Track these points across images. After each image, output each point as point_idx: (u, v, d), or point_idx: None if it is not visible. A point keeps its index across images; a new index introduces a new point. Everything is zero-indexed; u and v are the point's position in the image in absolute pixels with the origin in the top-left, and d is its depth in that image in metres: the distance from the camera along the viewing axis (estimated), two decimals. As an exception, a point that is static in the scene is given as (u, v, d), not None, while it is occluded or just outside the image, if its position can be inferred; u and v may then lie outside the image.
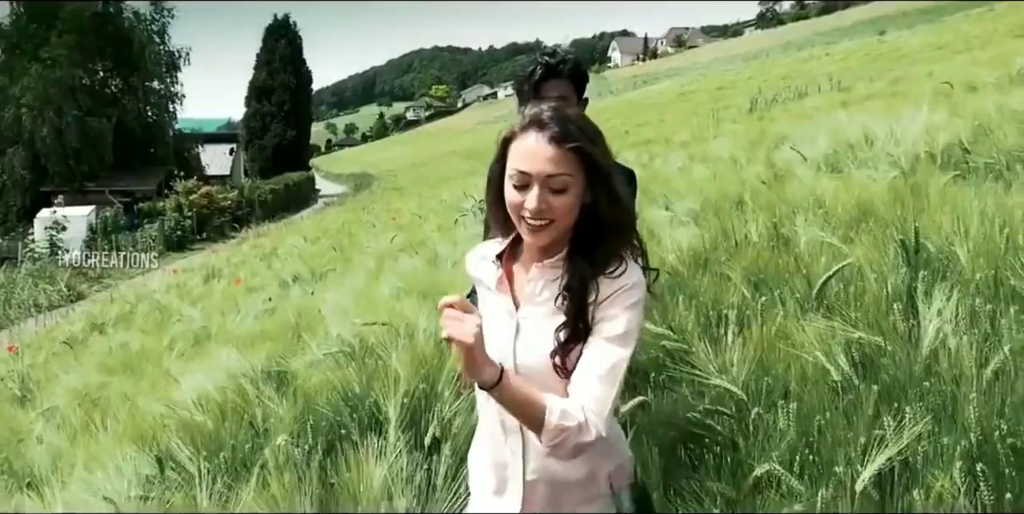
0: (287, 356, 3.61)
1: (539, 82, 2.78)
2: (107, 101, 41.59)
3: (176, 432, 2.79)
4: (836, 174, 5.22)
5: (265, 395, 3.05)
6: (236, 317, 6.64)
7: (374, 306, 4.12)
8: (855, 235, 3.01)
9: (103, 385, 4.96)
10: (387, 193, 36.08)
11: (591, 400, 1.64)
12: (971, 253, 2.41)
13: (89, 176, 39.24)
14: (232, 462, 2.49)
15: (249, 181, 47.86)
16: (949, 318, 2.17)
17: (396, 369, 2.76)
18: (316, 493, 1.82)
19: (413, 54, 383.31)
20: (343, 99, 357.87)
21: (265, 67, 61.43)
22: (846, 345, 2.28)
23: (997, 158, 4.19)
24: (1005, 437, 1.71)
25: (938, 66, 16.67)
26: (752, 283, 3.02)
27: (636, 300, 1.71)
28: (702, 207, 4.94)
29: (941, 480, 1.68)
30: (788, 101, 17.57)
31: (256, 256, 16.16)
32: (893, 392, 2.03)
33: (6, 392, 6.72)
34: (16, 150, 38.99)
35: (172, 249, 31.23)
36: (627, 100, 59.90)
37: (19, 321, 17.74)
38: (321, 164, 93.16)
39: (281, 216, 39.23)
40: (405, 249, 8.16)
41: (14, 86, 38.36)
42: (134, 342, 7.36)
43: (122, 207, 35.94)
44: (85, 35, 39.60)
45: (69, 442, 3.50)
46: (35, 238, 28.23)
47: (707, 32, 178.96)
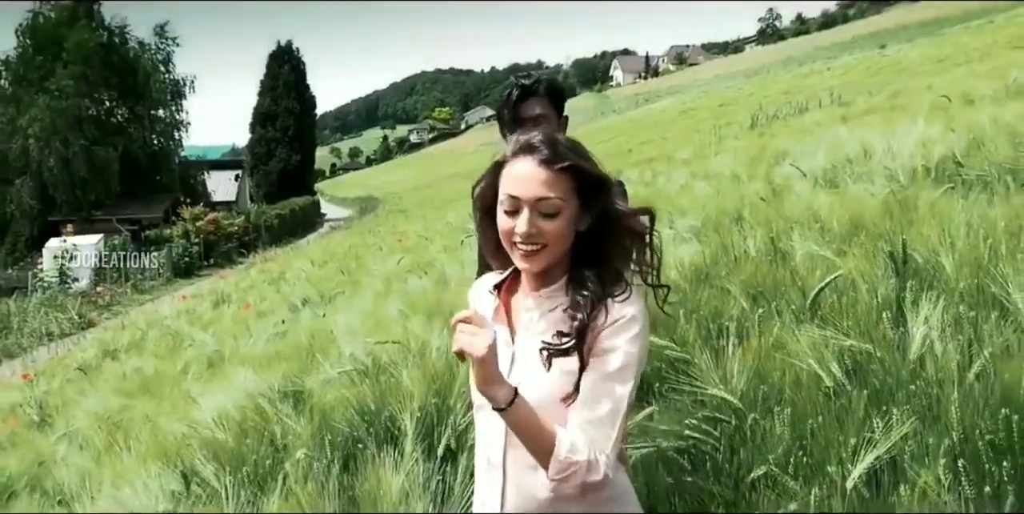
0: (302, 375, 3.72)
1: (516, 103, 2.81)
2: (113, 130, 41.89)
3: (199, 449, 2.90)
4: (833, 189, 5.34)
5: (283, 413, 3.16)
6: (248, 340, 6.75)
7: (384, 326, 4.24)
8: (848, 248, 3.13)
9: (123, 408, 5.07)
10: (392, 216, 36.29)
11: (598, 440, 1.61)
12: (956, 263, 2.52)
13: (96, 205, 39.49)
14: (255, 476, 2.60)
15: (255, 206, 48.14)
16: (935, 325, 2.28)
17: (408, 385, 2.86)
18: (338, 500, 1.92)
19: (416, 77, 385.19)
20: (346, 123, 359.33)
21: (269, 93, 61.91)
22: (838, 353, 2.39)
23: (988, 170, 4.30)
24: (985, 435, 1.82)
25: (937, 79, 16.79)
26: (751, 296, 3.13)
27: (636, 332, 1.66)
28: (703, 223, 5.06)
29: (925, 476, 1.78)
30: (789, 117, 17.72)
31: (264, 281, 16.28)
32: (882, 396, 2.14)
33: (25, 418, 6.82)
34: (24, 180, 39.27)
35: (180, 276, 31.38)
36: (629, 118, 60.22)
37: (31, 349, 17.88)
38: (326, 188, 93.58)
39: (287, 241, 39.38)
40: (412, 270, 8.28)
41: (21, 117, 38.68)
42: (148, 367, 7.46)
43: (129, 235, 36.13)
44: (91, 65, 39.94)
45: (94, 462, 3.61)
46: (44, 267, 28.41)
47: (708, 49, 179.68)
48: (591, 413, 1.62)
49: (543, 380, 1.69)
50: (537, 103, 2.81)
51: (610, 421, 1.62)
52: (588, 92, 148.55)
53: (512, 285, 1.88)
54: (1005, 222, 2.68)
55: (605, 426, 1.62)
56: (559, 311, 1.72)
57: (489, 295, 1.89)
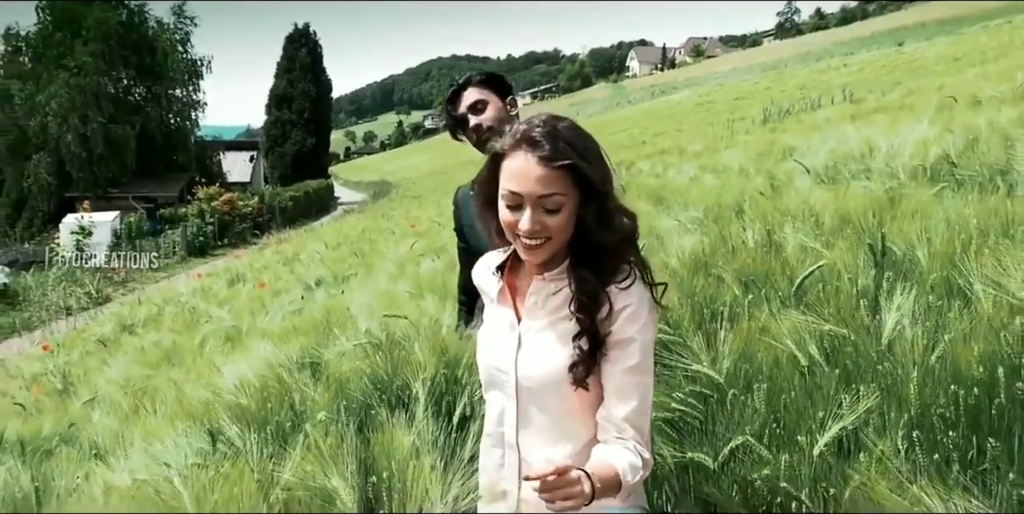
0: (319, 348, 3.94)
1: (454, 97, 2.95)
2: (131, 108, 42.31)
3: (223, 412, 3.13)
4: (834, 185, 5.52)
5: (301, 382, 3.38)
6: (265, 317, 6.97)
7: (397, 304, 4.45)
8: (835, 241, 3.33)
9: (145, 377, 5.31)
10: (406, 201, 36.52)
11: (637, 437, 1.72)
12: (929, 256, 2.72)
13: (112, 182, 39.94)
14: (277, 435, 2.82)
15: (269, 188, 48.46)
16: (906, 313, 2.48)
17: (420, 357, 3.08)
18: (355, 454, 2.14)
19: (431, 63, 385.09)
20: (362, 107, 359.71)
21: (285, 75, 62.15)
22: (817, 336, 2.59)
23: (980, 171, 4.48)
24: (937, 409, 2.03)
25: (950, 79, 16.87)
26: (743, 283, 3.33)
27: (645, 320, 1.74)
28: (705, 215, 5.25)
29: (883, 445, 1.99)
30: (801, 112, 17.85)
31: (278, 261, 16.51)
32: (852, 375, 2.35)
33: (48, 386, 7.07)
34: (42, 156, 39.76)
35: (194, 254, 31.75)
36: (645, 110, 60.18)
37: (49, 322, 18.21)
38: (340, 172, 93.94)
39: (301, 223, 39.72)
40: (425, 254, 8.49)
41: (40, 94, 39.08)
42: (166, 341, 7.71)
43: (145, 213, 36.50)
44: (110, 43, 40.33)
45: (122, 424, 3.85)
46: (61, 242, 28.78)
47: (725, 42, 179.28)
48: (627, 408, 1.72)
49: (549, 360, 1.77)
50: (471, 93, 2.91)
51: (644, 412, 1.74)
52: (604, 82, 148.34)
53: (515, 265, 1.93)
54: (977, 220, 2.88)
55: (642, 417, 1.74)
56: (562, 295, 1.78)
57: (493, 276, 1.95)
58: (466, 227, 3.20)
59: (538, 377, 1.79)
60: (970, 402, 1.97)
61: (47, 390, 7.02)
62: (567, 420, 1.80)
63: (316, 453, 2.11)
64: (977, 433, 1.94)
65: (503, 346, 1.87)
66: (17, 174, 40.61)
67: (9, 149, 40.23)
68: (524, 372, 1.81)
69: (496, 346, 1.89)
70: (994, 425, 1.94)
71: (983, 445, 1.90)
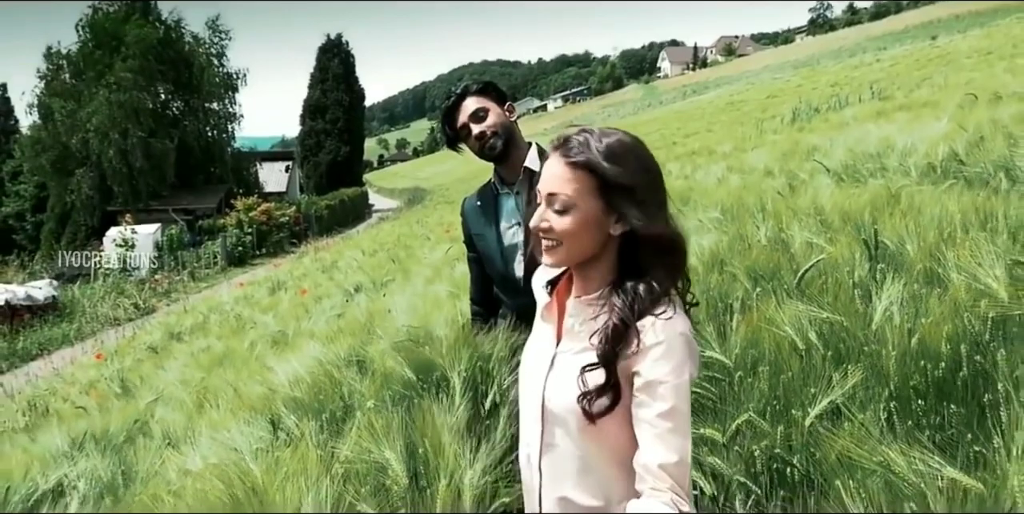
0: (364, 346, 4.26)
1: (452, 111, 2.96)
2: (169, 123, 43.23)
3: (281, 404, 3.46)
4: (850, 183, 5.76)
5: (349, 377, 3.70)
6: (309, 321, 7.32)
7: (436, 305, 4.76)
8: (838, 237, 3.59)
9: (201, 379, 5.67)
10: (440, 206, 36.89)
11: (676, 488, 1.58)
12: (917, 249, 2.98)
13: (153, 195, 40.79)
14: (331, 423, 3.14)
15: (305, 197, 49.14)
16: (895, 300, 2.74)
17: (458, 351, 3.38)
18: (403, 431, 2.45)
19: (463, 68, 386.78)
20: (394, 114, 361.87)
21: (319, 86, 63.01)
22: (815, 323, 2.86)
23: (985, 167, 4.71)
24: (912, 383, 2.30)
25: (979, 74, 16.91)
26: (753, 278, 3.60)
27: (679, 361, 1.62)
28: (725, 215, 5.51)
29: (864, 415, 2.26)
30: (830, 111, 17.93)
31: (317, 269, 16.91)
32: (843, 356, 2.62)
33: (107, 391, 7.46)
34: (84, 172, 40.78)
35: (234, 264, 32.34)
36: (676, 110, 60.16)
37: (98, 333, 18.78)
38: (374, 179, 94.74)
39: (337, 231, 40.26)
40: (460, 258, 8.80)
41: (81, 110, 40.07)
42: (216, 346, 8.08)
43: (184, 225, 37.24)
44: (148, 59, 41.23)
45: (188, 418, 4.19)
46: (106, 255, 29.51)
47: (757, 40, 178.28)
48: (662, 455, 1.58)
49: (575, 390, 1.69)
50: (471, 103, 2.93)
51: (683, 460, 1.59)
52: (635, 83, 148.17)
53: (567, 284, 1.87)
54: (961, 215, 3.14)
55: (680, 466, 1.59)
56: (601, 320, 1.70)
57: (543, 289, 1.91)
58: (474, 235, 3.23)
59: (562, 404, 1.73)
60: (938, 375, 2.24)
61: (106, 395, 7.40)
62: (594, 455, 1.72)
63: (370, 431, 2.41)
64: (944, 402, 2.21)
65: (537, 364, 1.83)
66: (61, 189, 41.71)
67: (53, 165, 41.30)
68: (550, 394, 1.76)
69: (531, 363, 1.87)
70: (958, 394, 2.21)
71: (948, 412, 2.17)
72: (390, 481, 2.34)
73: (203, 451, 3.16)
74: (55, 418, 6.29)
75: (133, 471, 3.13)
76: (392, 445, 2.38)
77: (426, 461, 2.32)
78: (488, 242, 3.15)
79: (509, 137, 2.97)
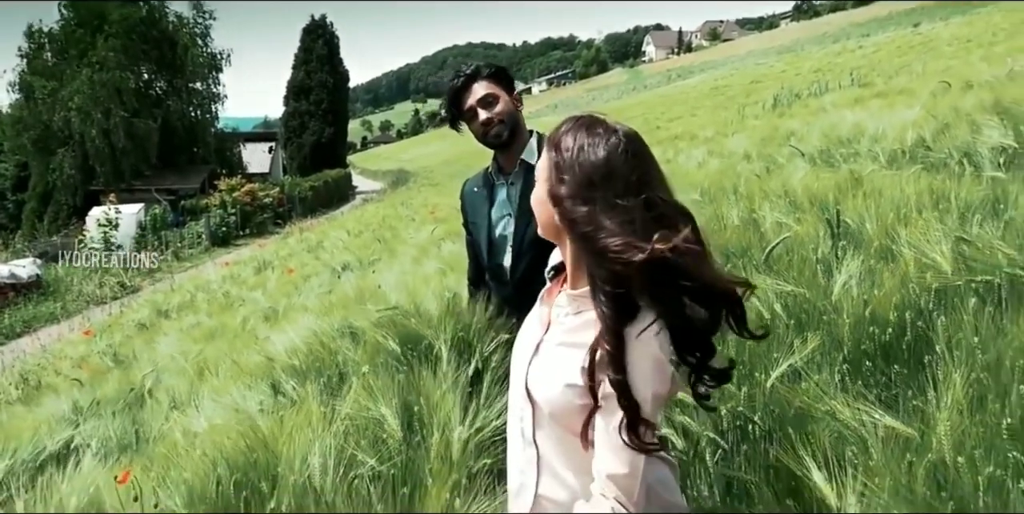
0: (356, 318, 4.46)
1: (461, 92, 2.92)
2: (152, 102, 43.08)
3: (280, 371, 3.66)
4: (823, 167, 5.99)
5: (343, 346, 3.91)
6: (299, 298, 7.51)
7: (424, 281, 4.97)
8: (805, 217, 3.82)
9: (197, 351, 5.85)
10: (424, 189, 37.01)
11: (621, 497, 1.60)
12: (874, 228, 3.21)
13: (135, 175, 40.66)
14: (327, 387, 3.35)
15: (289, 178, 49.07)
16: (853, 274, 2.97)
17: (444, 323, 3.60)
18: (398, 391, 2.66)
19: (447, 51, 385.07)
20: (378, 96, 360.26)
21: (303, 67, 62.68)
22: (780, 295, 3.09)
23: (949, 153, 4.95)
24: (863, 347, 2.53)
25: (956, 61, 17.18)
26: (725, 255, 3.82)
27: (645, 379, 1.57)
28: (703, 197, 5.73)
29: (818, 376, 2.48)
30: (810, 97, 18.17)
31: (303, 249, 17.04)
32: (804, 325, 2.85)
33: (101, 364, 7.63)
34: (66, 151, 40.59)
35: (217, 245, 32.38)
36: (661, 94, 60.33)
37: (83, 311, 18.88)
38: (357, 161, 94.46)
39: (321, 212, 40.29)
40: (445, 238, 8.99)
41: (63, 89, 39.85)
42: (207, 322, 8.26)
43: (168, 205, 37.20)
44: (131, 39, 41.03)
45: (190, 385, 4.39)
46: (89, 234, 29.49)
47: (742, 25, 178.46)
48: (612, 466, 1.61)
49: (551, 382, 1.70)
50: (482, 86, 2.89)
51: (633, 474, 1.60)
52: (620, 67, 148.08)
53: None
54: (916, 197, 3.37)
55: (630, 479, 1.60)
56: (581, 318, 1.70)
57: (547, 274, 1.93)
58: (469, 222, 3.24)
59: (542, 392, 1.74)
60: (885, 340, 2.47)
61: (99, 368, 7.56)
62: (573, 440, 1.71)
63: (368, 391, 2.63)
64: (890, 363, 2.44)
65: (524, 347, 1.84)
66: (43, 169, 41.50)
67: (34, 145, 41.09)
68: (532, 380, 1.77)
69: (520, 344, 1.88)
70: (902, 357, 2.44)
71: (893, 372, 2.40)
72: (387, 435, 2.55)
73: (207, 413, 3.36)
74: (52, 389, 6.46)
75: (144, 431, 3.33)
76: (388, 403, 2.60)
77: (421, 418, 2.54)
78: (480, 230, 3.14)
79: (514, 126, 2.97)
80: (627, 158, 1.62)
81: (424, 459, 2.43)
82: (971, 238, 2.66)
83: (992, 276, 2.48)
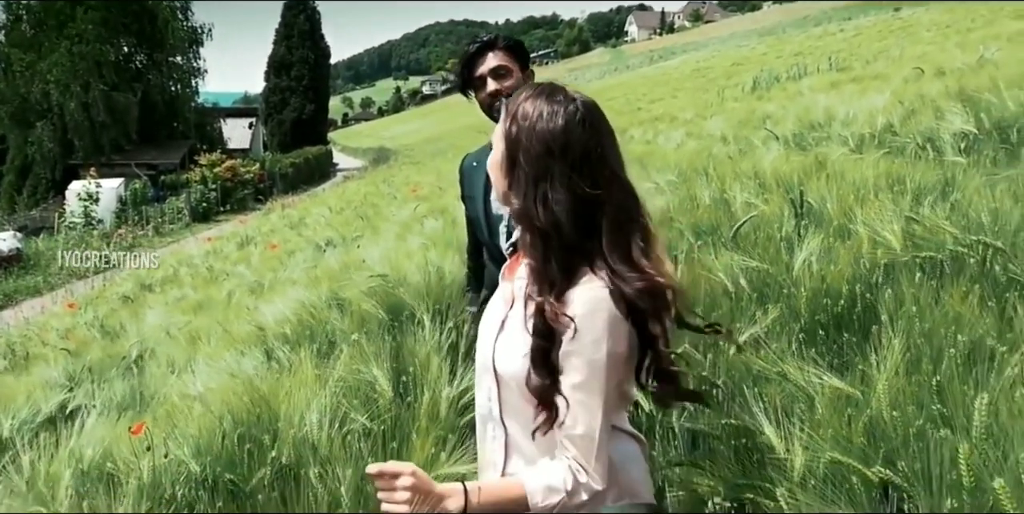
0: (342, 290, 4.65)
1: (474, 57, 2.85)
2: (132, 76, 42.90)
3: (271, 338, 3.85)
4: (799, 151, 6.21)
5: (332, 316, 4.10)
6: (284, 272, 7.67)
7: (407, 254, 5.15)
8: (771, 197, 4.03)
9: (185, 322, 6.02)
10: (405, 167, 37.04)
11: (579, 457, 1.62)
12: (835, 208, 3.43)
13: (115, 149, 40.53)
14: (319, 354, 3.54)
15: (269, 154, 49.00)
16: (814, 251, 3.18)
17: (425, 292, 3.80)
18: (389, 354, 2.87)
19: (428, 28, 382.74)
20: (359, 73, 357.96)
21: (284, 42, 62.35)
22: (745, 270, 3.30)
23: (913, 138, 5.17)
24: (817, 317, 2.75)
25: (933, 47, 17.41)
26: (696, 233, 4.03)
27: (596, 337, 1.58)
28: (679, 177, 5.93)
29: (777, 343, 2.70)
30: (788, 81, 18.39)
31: (285, 225, 17.15)
32: (766, 298, 3.06)
33: (87, 335, 7.76)
34: (45, 124, 40.40)
35: (198, 220, 32.44)
36: (642, 75, 60.43)
37: (64, 285, 18.94)
38: (338, 138, 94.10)
39: (302, 189, 40.30)
40: (428, 216, 9.16)
41: (42, 62, 39.58)
42: (192, 295, 8.41)
43: (148, 179, 37.13)
44: (111, 11, 40.73)
45: (183, 352, 4.57)
46: (69, 208, 29.47)
47: (725, 7, 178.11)
48: (570, 426, 1.62)
49: (515, 356, 1.70)
50: (496, 56, 2.84)
51: (589, 434, 1.61)
52: (603, 47, 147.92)
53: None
54: (875, 179, 3.60)
55: (587, 439, 1.61)
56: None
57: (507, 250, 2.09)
58: (466, 197, 3.22)
59: (509, 370, 1.73)
60: (837, 310, 2.69)
61: (86, 339, 7.69)
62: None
63: (361, 354, 2.83)
64: (841, 332, 2.67)
65: (489, 326, 1.84)
66: (20, 142, 41.30)
67: (12, 117, 40.89)
68: (499, 358, 1.77)
69: (485, 322, 1.87)
70: (853, 326, 2.66)
71: (843, 340, 2.62)
72: (377, 395, 2.75)
73: (203, 378, 3.55)
74: (41, 358, 6.61)
75: (147, 392, 3.51)
76: (380, 365, 2.80)
77: (412, 378, 2.74)
78: (476, 207, 3.12)
79: None
80: (585, 128, 1.64)
81: (412, 417, 2.63)
82: (920, 218, 2.88)
83: (936, 253, 2.70)
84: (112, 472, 2.46)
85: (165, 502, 2.29)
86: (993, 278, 2.51)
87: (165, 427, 2.67)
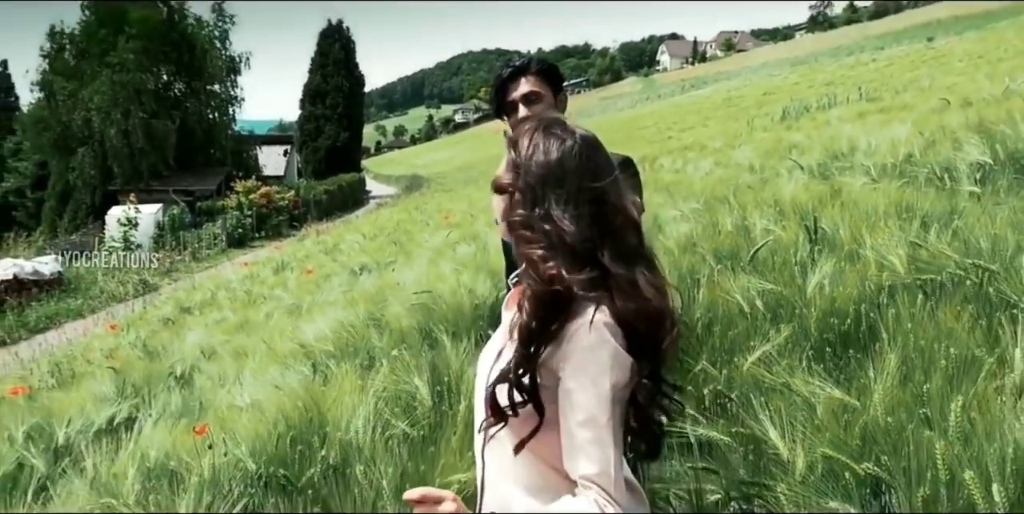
0: (379, 311, 4.89)
1: (507, 83, 2.82)
2: (171, 104, 43.69)
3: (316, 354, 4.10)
4: (823, 180, 6.40)
5: (370, 334, 4.34)
6: (321, 295, 7.93)
7: (441, 278, 5.39)
8: (788, 224, 4.23)
9: (225, 342, 6.28)
10: (437, 194, 37.43)
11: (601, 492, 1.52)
12: (847, 234, 3.63)
13: (153, 175, 41.25)
14: (360, 368, 3.77)
15: (304, 181, 49.58)
16: (826, 274, 3.38)
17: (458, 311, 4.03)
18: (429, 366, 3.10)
19: (461, 57, 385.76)
20: (392, 101, 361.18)
21: (319, 71, 63.13)
22: (761, 292, 3.50)
23: (932, 168, 5.35)
24: (825, 335, 2.95)
25: (963, 78, 17.53)
26: (717, 257, 4.24)
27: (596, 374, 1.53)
28: (703, 206, 6.15)
29: (788, 359, 2.89)
30: (818, 110, 18.56)
31: (320, 251, 17.45)
32: (779, 317, 3.26)
33: (131, 356, 8.03)
34: (85, 151, 41.24)
35: (234, 246, 32.86)
36: (674, 104, 60.76)
37: (104, 308, 19.36)
38: (371, 166, 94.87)
39: (336, 216, 40.73)
40: (460, 242, 9.40)
41: (84, 90, 40.52)
42: (231, 317, 8.68)
43: (185, 205, 37.72)
44: (151, 40, 41.65)
45: (230, 368, 4.82)
46: (108, 233, 30.07)
47: (757, 35, 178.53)
48: (584, 466, 1.54)
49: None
50: (527, 82, 2.81)
51: (605, 470, 1.53)
52: (634, 76, 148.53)
53: None
54: (884, 207, 3.79)
55: (604, 475, 1.52)
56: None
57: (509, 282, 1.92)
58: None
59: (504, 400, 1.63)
60: (843, 328, 2.89)
61: (129, 359, 7.96)
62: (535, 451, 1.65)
63: (403, 365, 3.06)
64: (847, 349, 2.86)
65: (487, 355, 1.80)
66: (62, 168, 42.23)
67: (54, 144, 41.83)
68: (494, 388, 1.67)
69: (485, 353, 1.84)
70: (858, 343, 2.85)
71: (848, 356, 2.82)
72: (417, 403, 2.98)
73: (250, 390, 3.79)
74: (88, 375, 6.88)
75: (198, 403, 3.76)
76: (421, 376, 3.02)
77: (447, 387, 2.97)
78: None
79: None
80: (581, 161, 1.63)
81: (450, 423, 2.85)
82: (924, 243, 3.08)
83: (936, 275, 2.90)
84: (174, 470, 2.70)
85: (223, 496, 2.52)
86: (986, 298, 2.70)
87: (221, 431, 2.91)
